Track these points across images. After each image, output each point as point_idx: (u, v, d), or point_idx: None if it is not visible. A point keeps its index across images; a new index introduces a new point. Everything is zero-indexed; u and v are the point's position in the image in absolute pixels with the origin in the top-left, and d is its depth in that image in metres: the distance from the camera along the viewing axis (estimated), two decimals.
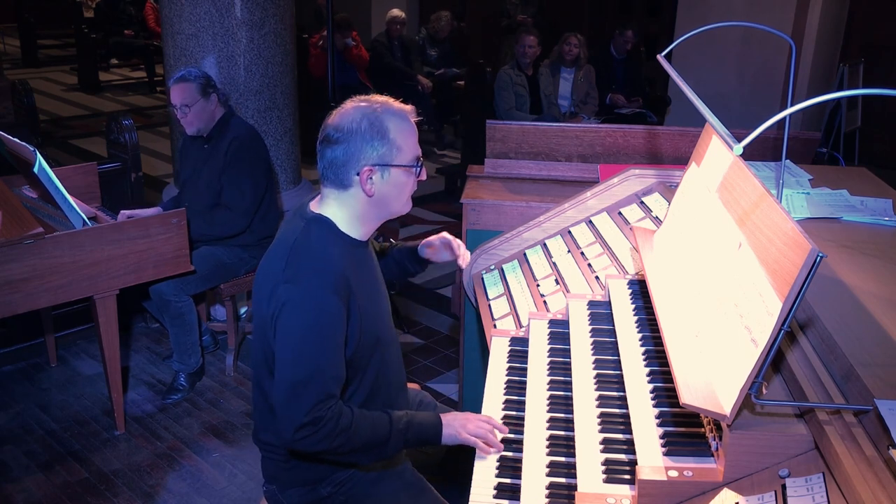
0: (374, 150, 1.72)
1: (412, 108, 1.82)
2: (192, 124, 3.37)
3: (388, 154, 1.73)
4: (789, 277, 1.25)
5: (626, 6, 9.25)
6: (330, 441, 1.72)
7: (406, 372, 3.91)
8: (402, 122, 1.76)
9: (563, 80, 6.11)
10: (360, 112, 1.73)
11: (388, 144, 1.73)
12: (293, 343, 1.69)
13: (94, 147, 7.44)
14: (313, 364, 1.69)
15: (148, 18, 10.03)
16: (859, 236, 2.14)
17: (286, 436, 1.72)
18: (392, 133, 1.73)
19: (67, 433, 3.30)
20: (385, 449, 1.83)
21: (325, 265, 1.72)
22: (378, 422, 1.82)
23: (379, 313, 1.88)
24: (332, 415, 1.71)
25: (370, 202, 1.78)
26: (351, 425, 1.75)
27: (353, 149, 1.72)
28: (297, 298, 1.69)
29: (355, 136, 1.71)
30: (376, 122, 1.72)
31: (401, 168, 1.76)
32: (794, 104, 1.33)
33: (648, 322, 1.96)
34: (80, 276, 3.00)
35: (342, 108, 1.76)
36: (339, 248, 1.77)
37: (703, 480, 1.42)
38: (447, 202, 6.30)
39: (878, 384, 1.34)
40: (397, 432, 1.83)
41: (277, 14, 4.11)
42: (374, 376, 1.88)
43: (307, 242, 1.75)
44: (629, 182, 2.71)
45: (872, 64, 6.76)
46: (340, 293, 1.71)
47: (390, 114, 1.75)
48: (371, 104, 1.75)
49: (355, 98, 1.79)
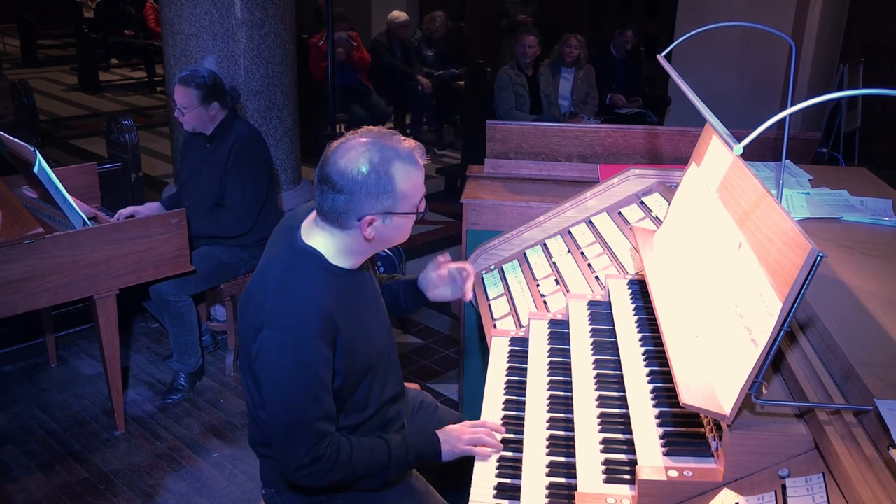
0: (379, 203, 1.64)
1: (418, 145, 1.72)
2: (187, 123, 3.40)
3: (393, 205, 1.66)
4: (789, 277, 1.25)
5: (626, 6, 9.25)
6: (332, 476, 1.75)
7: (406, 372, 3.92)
8: (409, 168, 1.67)
9: (563, 80, 6.11)
10: (366, 159, 1.62)
11: (394, 196, 1.65)
12: (280, 389, 1.67)
13: (94, 147, 7.44)
14: (302, 409, 1.68)
15: (148, 18, 10.03)
16: (859, 236, 2.14)
17: (289, 475, 1.75)
18: (398, 184, 1.65)
19: (67, 433, 3.30)
20: (388, 473, 1.84)
21: (308, 309, 1.67)
22: (377, 449, 1.82)
23: (372, 338, 1.84)
24: (330, 452, 1.72)
25: (368, 243, 1.73)
26: (351, 458, 1.76)
27: (357, 200, 1.63)
28: (281, 345, 1.65)
29: (360, 188, 1.62)
30: (383, 175, 1.63)
31: (405, 215, 1.71)
32: (794, 104, 1.33)
33: (648, 322, 1.96)
34: (80, 276, 3.00)
35: (346, 146, 1.65)
36: (325, 284, 1.71)
37: (703, 480, 1.42)
38: (447, 202, 6.30)
39: (878, 384, 1.34)
40: (398, 458, 1.84)
41: (277, 14, 4.11)
42: (366, 396, 1.86)
43: (292, 282, 1.69)
44: (629, 182, 2.71)
45: (872, 64, 6.76)
46: (325, 335, 1.67)
47: (397, 160, 1.65)
48: (378, 149, 1.64)
49: (360, 134, 1.69)
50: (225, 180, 3.41)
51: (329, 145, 1.69)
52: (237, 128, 3.45)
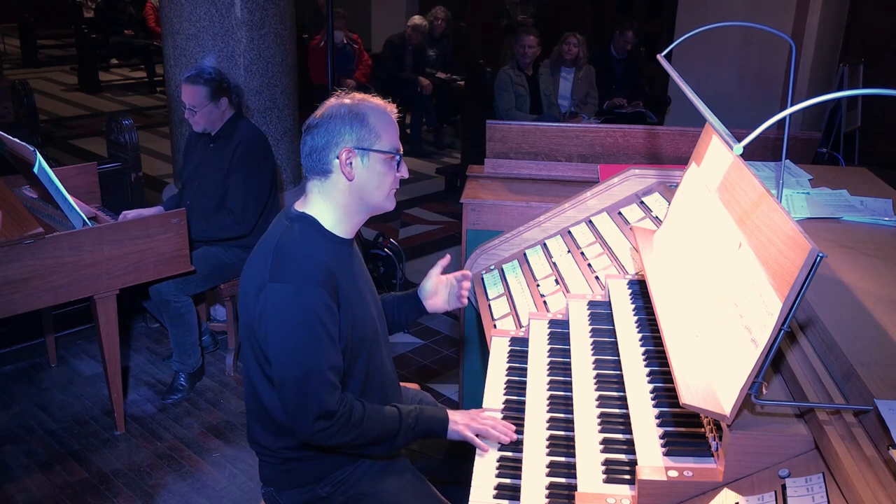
0: (352, 132, 1.75)
1: (392, 105, 1.85)
2: (198, 124, 3.39)
3: (367, 138, 1.76)
4: (789, 277, 1.25)
5: (626, 6, 9.26)
6: (345, 434, 1.77)
7: (406, 372, 3.92)
8: (381, 113, 1.80)
9: (563, 80, 6.10)
10: (339, 101, 1.80)
11: (367, 128, 1.76)
12: (287, 340, 1.71)
13: (94, 147, 7.44)
14: (311, 358, 1.71)
15: (148, 18, 10.02)
16: (859, 236, 2.13)
17: (305, 431, 1.75)
18: (371, 119, 1.77)
19: (67, 433, 3.30)
20: (395, 441, 1.87)
21: (310, 261, 1.73)
22: (389, 415, 1.86)
23: (365, 313, 1.88)
24: (343, 409, 1.75)
25: (351, 189, 1.78)
26: (363, 419, 1.79)
27: (332, 131, 1.75)
28: (286, 295, 1.70)
29: (334, 119, 1.76)
30: (355, 108, 1.77)
31: (380, 154, 1.78)
32: (794, 104, 1.33)
33: (648, 322, 1.96)
34: (80, 276, 3.00)
35: (326, 102, 1.82)
36: (323, 245, 1.78)
37: (703, 480, 1.42)
38: (447, 202, 6.30)
39: (878, 384, 1.34)
40: (407, 427, 1.87)
41: (277, 14, 4.11)
42: (364, 376, 1.89)
43: (291, 241, 1.76)
44: (629, 182, 2.71)
45: (872, 64, 6.76)
46: (327, 286, 1.72)
47: (369, 104, 1.80)
48: (351, 98, 1.81)
49: (338, 94, 1.85)
50: (227, 182, 3.41)
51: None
52: (242, 128, 3.44)
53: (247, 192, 3.39)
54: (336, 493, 1.93)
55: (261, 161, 3.44)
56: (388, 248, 4.52)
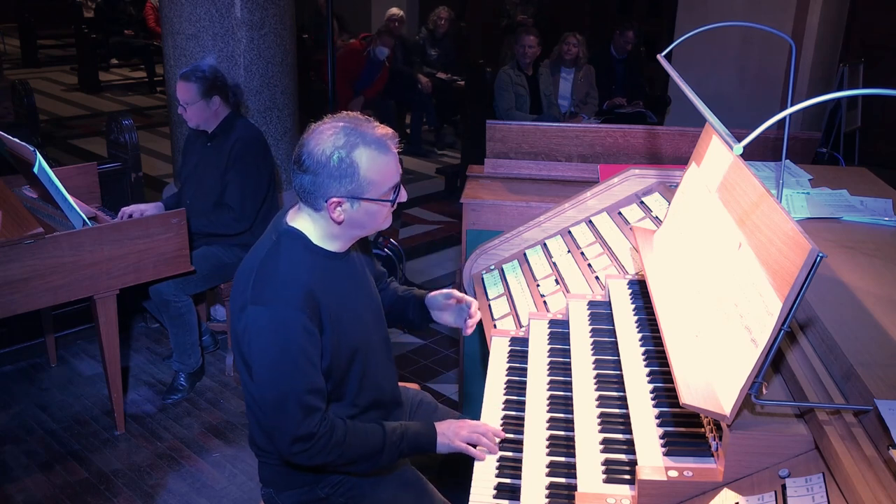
0: (342, 186, 1.68)
1: (392, 133, 1.74)
2: (191, 120, 3.41)
3: (358, 189, 1.69)
4: (789, 277, 1.25)
5: (626, 6, 9.25)
6: (325, 455, 1.76)
7: (406, 372, 3.91)
8: (377, 154, 1.68)
9: (563, 80, 6.10)
10: (331, 144, 1.66)
11: (358, 181, 1.68)
12: (266, 364, 1.70)
13: (94, 147, 7.44)
14: (288, 382, 1.69)
15: (148, 18, 10.02)
16: (859, 236, 2.13)
17: (283, 452, 1.76)
18: (363, 170, 1.67)
19: (67, 433, 3.30)
20: (380, 459, 1.85)
21: (289, 283, 1.71)
22: (372, 434, 1.84)
23: (358, 322, 1.86)
24: (323, 431, 1.74)
25: (342, 226, 1.76)
26: (345, 439, 1.78)
27: (320, 182, 1.68)
28: (265, 320, 1.69)
29: (322, 170, 1.66)
30: (346, 160, 1.66)
31: (373, 201, 1.72)
32: (794, 104, 1.33)
33: (648, 322, 1.96)
34: (80, 276, 3.00)
35: (320, 129, 1.70)
36: (308, 262, 1.75)
37: (703, 480, 1.42)
38: (447, 202, 6.30)
39: (878, 384, 1.34)
40: (391, 444, 1.85)
41: (277, 14, 4.11)
42: (358, 382, 1.88)
43: (275, 260, 1.74)
44: (629, 182, 2.71)
45: (872, 64, 6.76)
46: (306, 309, 1.69)
47: (364, 147, 1.67)
48: (346, 133, 1.67)
49: (336, 118, 1.73)
50: (225, 179, 3.41)
51: (308, 127, 1.74)
52: (239, 127, 3.45)
53: (244, 189, 3.39)
54: (335, 493, 1.93)
55: (258, 158, 3.44)
56: (388, 248, 4.52)
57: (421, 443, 1.90)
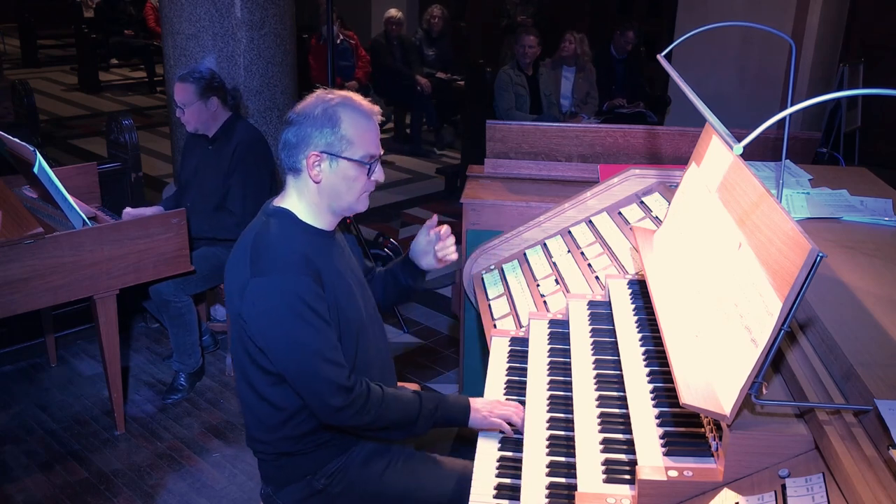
0: (322, 136, 1.74)
1: (378, 110, 1.83)
2: (189, 122, 3.40)
3: (337, 144, 1.75)
4: (789, 277, 1.25)
5: (626, 6, 9.26)
6: (367, 413, 1.78)
7: (406, 372, 3.91)
8: (359, 117, 1.77)
9: (564, 80, 6.11)
10: (318, 99, 1.78)
11: (338, 135, 1.74)
12: (282, 332, 1.71)
13: (94, 147, 7.44)
14: (309, 343, 1.71)
15: (148, 18, 10.02)
16: (859, 236, 2.13)
17: (329, 414, 1.77)
18: (344, 125, 1.75)
19: (67, 433, 3.30)
20: (415, 426, 1.88)
21: (288, 251, 1.74)
22: (409, 401, 1.87)
23: (352, 299, 1.88)
24: (361, 389, 1.77)
25: (319, 191, 1.79)
26: (382, 401, 1.81)
27: (304, 132, 1.75)
28: (270, 288, 1.70)
29: (307, 119, 1.75)
30: (330, 111, 1.75)
31: (350, 161, 1.76)
32: (794, 104, 1.32)
33: (648, 322, 1.96)
34: (80, 276, 3.00)
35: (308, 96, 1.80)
36: (300, 236, 1.79)
37: (703, 480, 1.42)
38: (447, 202, 6.30)
39: (878, 384, 1.34)
40: (427, 411, 1.88)
41: (277, 14, 4.11)
42: (353, 358, 1.88)
43: (268, 235, 1.77)
44: (629, 182, 2.71)
45: (872, 64, 6.76)
46: (308, 272, 1.72)
47: (349, 107, 1.77)
48: (333, 96, 1.78)
49: (325, 89, 1.83)
50: (227, 183, 3.41)
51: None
52: (240, 130, 3.45)
53: (246, 193, 3.39)
54: (331, 484, 1.93)
55: (260, 161, 3.44)
56: (388, 248, 4.52)
57: (455, 415, 1.92)
